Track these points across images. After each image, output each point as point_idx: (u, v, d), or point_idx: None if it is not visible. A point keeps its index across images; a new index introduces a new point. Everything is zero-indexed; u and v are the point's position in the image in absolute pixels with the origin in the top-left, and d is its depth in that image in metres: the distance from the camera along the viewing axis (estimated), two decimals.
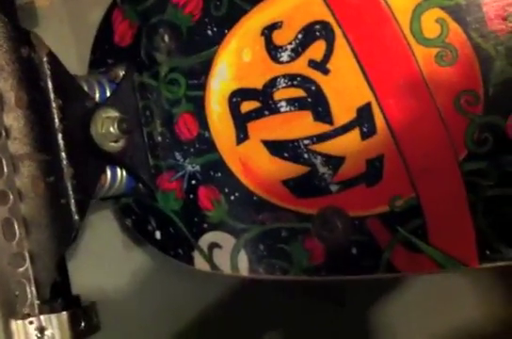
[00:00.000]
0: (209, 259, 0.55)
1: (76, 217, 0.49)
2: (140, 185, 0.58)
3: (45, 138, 0.52)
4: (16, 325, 0.50)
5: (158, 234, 0.58)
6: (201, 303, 0.70)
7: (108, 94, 0.58)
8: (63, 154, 0.51)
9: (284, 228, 0.52)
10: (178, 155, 0.56)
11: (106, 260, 0.65)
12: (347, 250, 0.50)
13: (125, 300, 0.65)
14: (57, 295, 0.51)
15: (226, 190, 0.54)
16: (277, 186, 0.52)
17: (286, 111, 0.51)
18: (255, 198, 0.53)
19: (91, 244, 0.63)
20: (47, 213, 0.49)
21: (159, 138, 0.57)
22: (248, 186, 0.53)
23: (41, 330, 0.50)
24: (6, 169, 0.52)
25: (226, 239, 0.54)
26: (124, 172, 0.57)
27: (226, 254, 0.54)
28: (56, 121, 0.53)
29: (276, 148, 0.52)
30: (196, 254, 0.56)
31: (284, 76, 0.51)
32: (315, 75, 0.50)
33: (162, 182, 0.57)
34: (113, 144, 0.54)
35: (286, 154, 0.51)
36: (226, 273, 0.54)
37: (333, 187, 0.50)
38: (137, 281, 0.67)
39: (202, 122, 0.55)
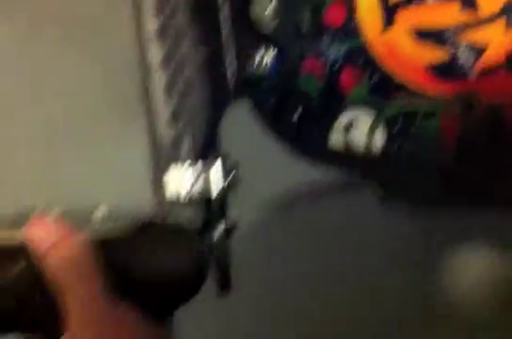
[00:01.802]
0: (345, 137, 0.59)
1: (233, 83, 0.54)
2: (285, 67, 0.62)
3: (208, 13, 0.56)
4: (172, 173, 0.56)
5: (296, 115, 0.63)
6: None
7: None
8: (225, 27, 0.55)
9: (422, 109, 0.56)
10: (324, 41, 0.60)
11: None
12: (480, 134, 0.53)
13: None
14: (209, 150, 0.57)
15: (368, 73, 0.58)
16: (419, 70, 0.55)
17: (434, 1, 0.54)
18: (396, 80, 0.56)
19: None
20: (208, 76, 0.54)
21: (307, 26, 0.61)
22: (389, 69, 0.56)
23: (194, 178, 0.55)
24: (171, 38, 0.57)
25: (364, 119, 0.58)
26: (272, 56, 0.61)
27: (362, 133, 0.58)
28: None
29: (421, 35, 0.55)
30: (332, 133, 0.60)
31: None
32: None
33: (306, 66, 0.61)
34: (269, 22, 0.58)
35: (431, 41, 0.55)
36: (359, 151, 0.59)
37: (474, 73, 0.54)
38: None
39: (350, 11, 0.58)
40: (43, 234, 0.39)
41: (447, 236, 0.72)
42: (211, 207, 0.58)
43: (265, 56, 0.61)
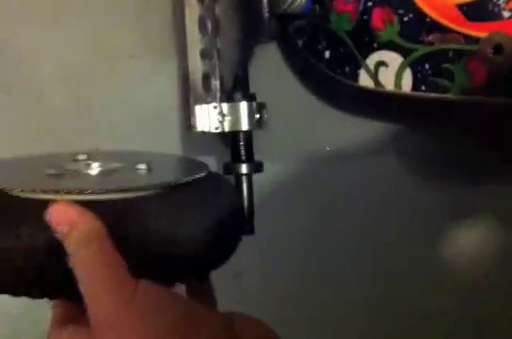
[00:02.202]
0: (374, 76, 0.60)
1: (267, 15, 0.55)
2: (317, 6, 0.62)
3: None
4: (201, 109, 0.57)
5: (327, 54, 0.63)
6: None
7: None
8: None
9: (451, 49, 0.55)
10: None
11: None
12: (509, 73, 0.53)
13: None
14: (238, 88, 0.58)
15: (400, 11, 0.57)
16: (451, 9, 0.55)
17: None
18: (428, 19, 0.56)
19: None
20: (240, 9, 0.55)
21: None
22: (422, 8, 0.56)
23: (222, 115, 0.57)
24: None
25: (393, 58, 0.58)
26: None
27: (391, 72, 0.59)
28: None
29: None
30: (362, 72, 0.61)
31: None
32: None
33: (338, 4, 0.61)
34: None
35: None
36: (388, 90, 0.59)
37: (506, 14, 0.53)
38: None
39: None
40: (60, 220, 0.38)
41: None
42: (237, 148, 0.60)
43: None
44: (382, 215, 0.73)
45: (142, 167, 0.45)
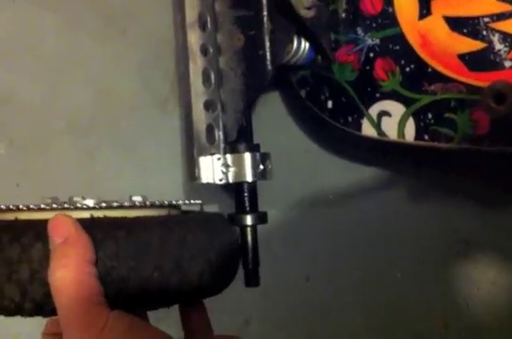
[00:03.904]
0: (377, 126, 0.60)
1: (270, 68, 0.55)
2: (319, 57, 0.63)
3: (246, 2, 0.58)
4: (205, 161, 0.57)
5: (330, 104, 0.63)
6: None
7: None
8: (265, 12, 0.56)
9: (454, 99, 0.56)
10: (359, 30, 0.61)
11: None
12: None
13: None
14: (241, 139, 0.58)
15: (402, 62, 0.58)
16: (452, 60, 0.55)
17: None
18: (430, 69, 0.57)
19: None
20: (244, 63, 0.56)
21: (343, 15, 0.62)
22: (424, 59, 0.57)
23: (227, 166, 0.57)
24: (209, 26, 0.58)
25: (396, 108, 0.59)
26: (307, 45, 0.62)
27: (394, 122, 0.59)
28: None
29: (456, 24, 0.55)
30: (364, 122, 0.61)
31: None
32: None
33: (340, 55, 0.62)
34: (306, 10, 0.58)
35: (465, 30, 0.55)
36: (392, 139, 0.59)
37: (507, 63, 0.54)
38: None
39: (387, 0, 0.59)
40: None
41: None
42: (241, 198, 0.59)
43: (302, 45, 0.62)
44: (387, 264, 0.73)
45: (138, 198, 0.46)
